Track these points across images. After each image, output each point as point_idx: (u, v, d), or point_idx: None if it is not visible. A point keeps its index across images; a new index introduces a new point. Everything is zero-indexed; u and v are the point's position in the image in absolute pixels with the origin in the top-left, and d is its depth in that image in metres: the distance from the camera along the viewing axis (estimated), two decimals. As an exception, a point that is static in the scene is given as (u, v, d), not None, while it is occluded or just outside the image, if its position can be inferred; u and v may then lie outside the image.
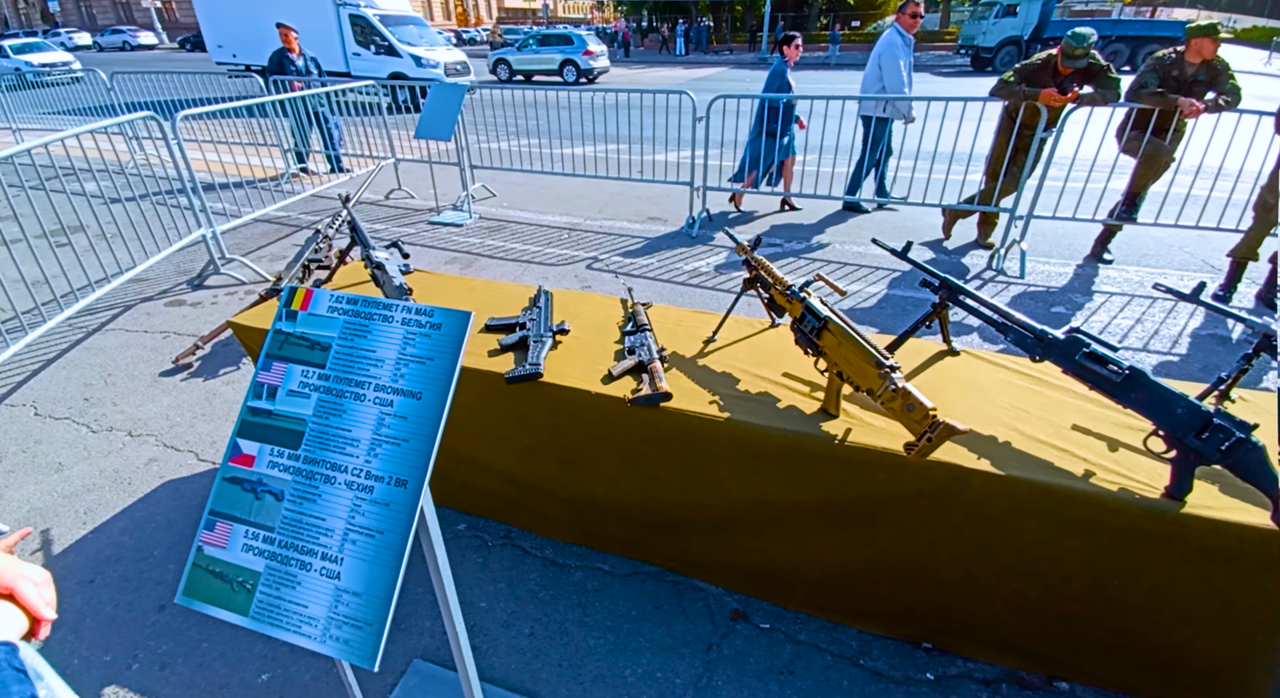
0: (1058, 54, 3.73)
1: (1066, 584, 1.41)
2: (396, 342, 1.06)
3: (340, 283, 2.38)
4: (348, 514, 0.99)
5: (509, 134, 6.26)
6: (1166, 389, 1.24)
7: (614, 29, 32.18)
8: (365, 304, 1.10)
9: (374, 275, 1.99)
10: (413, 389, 1.03)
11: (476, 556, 1.97)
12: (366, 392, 1.04)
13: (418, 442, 1.00)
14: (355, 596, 0.96)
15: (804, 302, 1.67)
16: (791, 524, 1.66)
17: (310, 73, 6.34)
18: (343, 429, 1.03)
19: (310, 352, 1.09)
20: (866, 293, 3.83)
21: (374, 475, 1.00)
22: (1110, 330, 3.31)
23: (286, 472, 1.04)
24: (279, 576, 1.01)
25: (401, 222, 5.38)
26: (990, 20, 19.14)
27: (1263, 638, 1.30)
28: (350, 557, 0.98)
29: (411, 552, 0.96)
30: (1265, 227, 3.41)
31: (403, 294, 1.84)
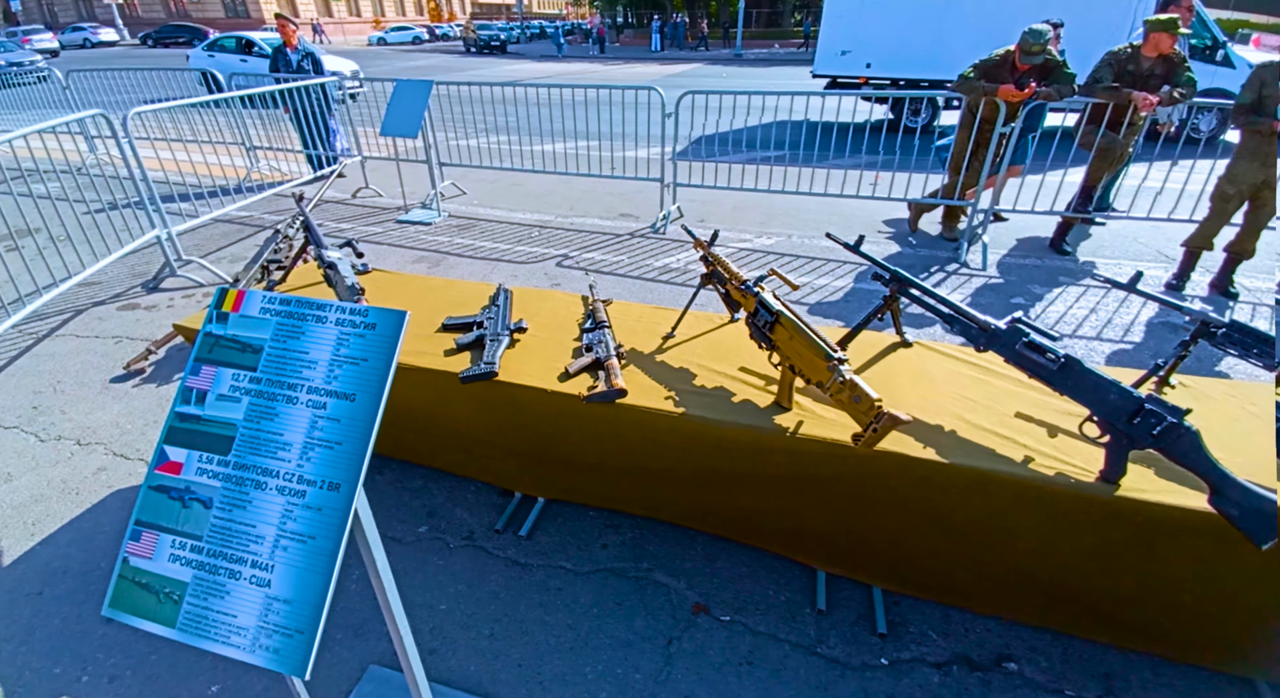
0: (1015, 50, 3.80)
1: (1014, 560, 1.45)
2: (330, 343, 1.04)
3: (295, 284, 2.33)
4: (279, 520, 0.97)
5: (479, 131, 6.19)
6: (1100, 376, 1.27)
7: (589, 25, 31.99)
8: (298, 305, 1.08)
9: (326, 276, 1.95)
10: (346, 391, 1.01)
11: (438, 558, 1.95)
12: (299, 394, 1.02)
13: (351, 444, 0.98)
14: (286, 603, 0.94)
15: (757, 296, 1.68)
16: (750, 486, 1.70)
17: (305, 69, 6.14)
18: (274, 433, 1.01)
19: (241, 354, 1.06)
20: (833, 287, 3.87)
21: (306, 480, 0.98)
22: (1066, 320, 3.40)
23: (215, 478, 1.01)
24: (207, 585, 0.99)
25: (368, 221, 5.28)
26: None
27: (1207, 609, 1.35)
28: (281, 564, 0.96)
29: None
30: (1220, 217, 3.51)
31: (355, 295, 1.81)
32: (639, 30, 33.44)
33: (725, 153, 6.09)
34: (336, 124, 6.14)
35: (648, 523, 2.06)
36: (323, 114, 5.82)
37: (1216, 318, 1.45)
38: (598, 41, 27.10)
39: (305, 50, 6.25)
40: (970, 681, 1.55)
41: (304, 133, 5.80)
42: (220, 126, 6.16)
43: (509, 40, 29.98)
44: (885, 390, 1.62)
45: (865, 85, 8.50)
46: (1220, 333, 1.44)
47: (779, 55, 24.29)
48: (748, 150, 5.54)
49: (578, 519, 2.08)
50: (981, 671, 1.57)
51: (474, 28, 29.86)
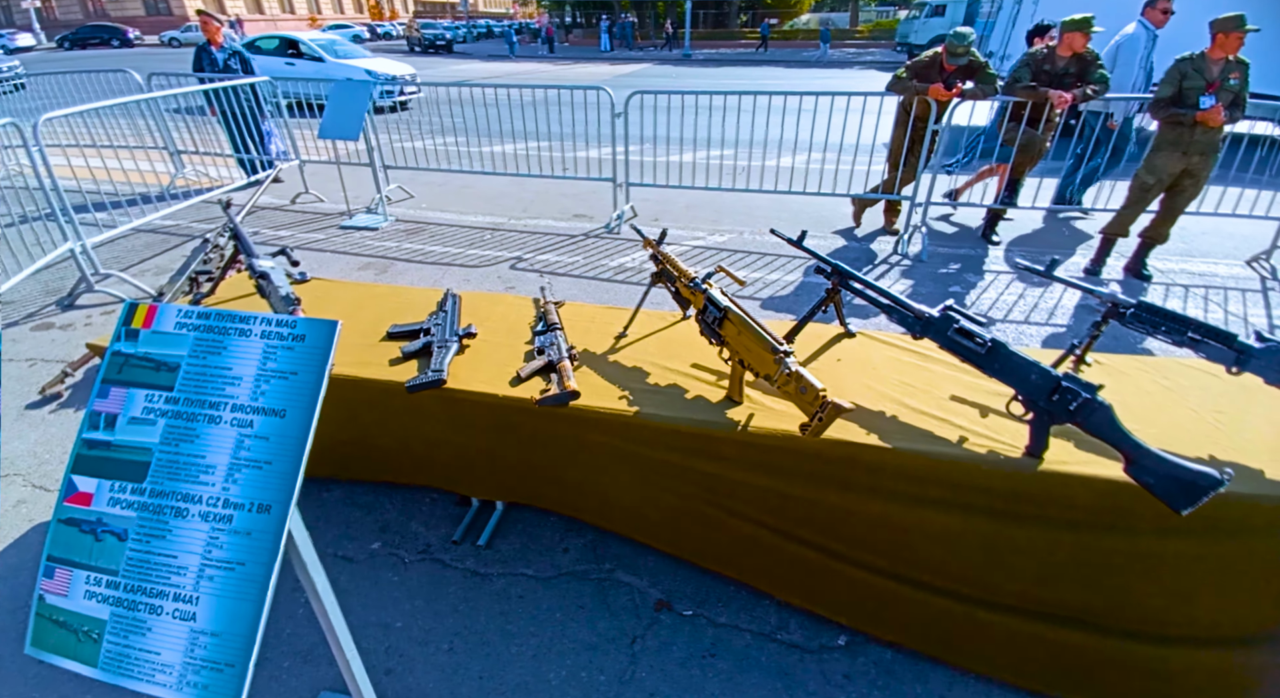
0: (943, 52, 3.97)
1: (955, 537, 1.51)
2: (255, 357, 0.99)
3: (225, 296, 2.21)
4: (203, 548, 0.92)
5: (426, 132, 6.03)
6: (1022, 358, 1.34)
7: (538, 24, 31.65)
8: (219, 318, 1.02)
9: (259, 286, 1.86)
10: (275, 407, 0.96)
11: (392, 574, 1.88)
12: (222, 413, 0.97)
13: (282, 463, 0.94)
14: (214, 636, 0.89)
15: (705, 293, 1.70)
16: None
17: (233, 69, 5.82)
18: (195, 456, 0.95)
19: (155, 373, 1.00)
20: (784, 281, 3.95)
21: (233, 503, 0.93)
22: (998, 305, 3.57)
23: (130, 508, 0.95)
24: (126, 622, 0.93)
25: (310, 227, 5.07)
26: (921, 20, 20.76)
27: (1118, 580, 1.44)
28: (207, 595, 0.91)
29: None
30: (1139, 206, 3.74)
31: (290, 305, 1.73)
32: (588, 30, 33.32)
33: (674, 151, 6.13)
34: (271, 126, 5.87)
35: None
36: (255, 116, 5.55)
37: (1125, 299, 1.55)
38: (546, 41, 26.86)
39: (232, 48, 5.95)
40: (921, 654, 1.61)
41: (233, 136, 5.52)
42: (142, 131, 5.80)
43: (455, 39, 29.34)
44: (831, 380, 1.67)
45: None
46: (1129, 313, 1.53)
47: (728, 56, 24.66)
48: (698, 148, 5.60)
49: (538, 525, 2.06)
50: (932, 646, 1.63)
51: (418, 26, 29.11)
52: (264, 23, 37.81)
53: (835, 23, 32.28)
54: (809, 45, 26.45)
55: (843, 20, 33.08)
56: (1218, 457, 1.41)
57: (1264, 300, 3.71)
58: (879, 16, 34.15)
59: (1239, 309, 3.58)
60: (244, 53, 5.94)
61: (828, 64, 21.15)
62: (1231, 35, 3.28)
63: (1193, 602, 1.40)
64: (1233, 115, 3.40)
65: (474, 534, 2.01)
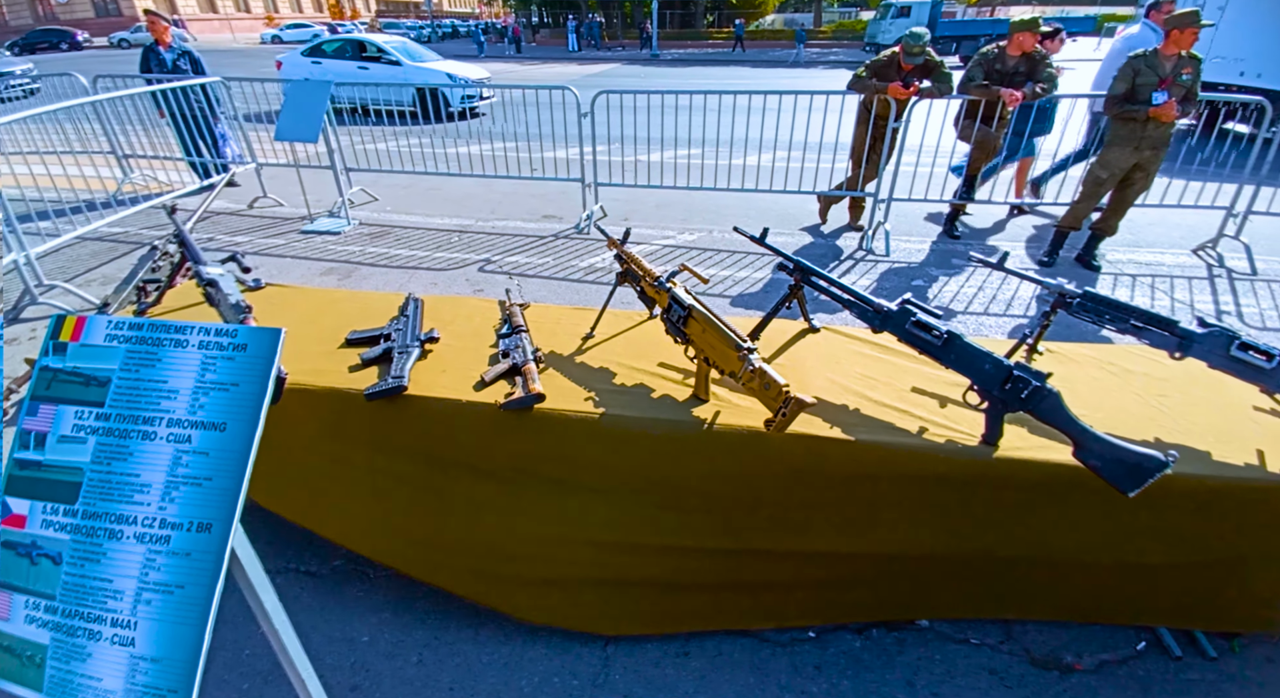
0: (900, 52, 4.06)
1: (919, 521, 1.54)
2: (193, 369, 0.95)
3: (172, 305, 2.13)
4: (139, 572, 0.88)
5: (391, 134, 5.90)
6: (977, 349, 1.37)
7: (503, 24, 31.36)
8: (152, 329, 0.97)
9: (207, 294, 1.79)
10: (215, 420, 0.92)
11: (357, 588, 1.83)
12: (157, 429, 0.92)
13: (223, 479, 0.90)
14: (154, 662, 0.85)
15: (669, 292, 1.69)
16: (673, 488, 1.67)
17: (182, 69, 5.60)
18: (129, 475, 0.91)
19: (85, 389, 0.95)
20: (753, 278, 3.98)
21: (170, 523, 0.89)
22: (959, 298, 3.67)
23: (63, 530, 0.90)
24: (66, 648, 0.88)
25: (268, 232, 4.92)
26: (888, 20, 21.19)
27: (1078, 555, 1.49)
28: (145, 620, 0.86)
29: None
30: (1092, 199, 3.86)
31: (240, 314, 1.67)
32: (555, 30, 33.12)
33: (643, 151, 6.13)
34: (225, 128, 5.68)
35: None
36: (207, 118, 5.37)
37: (1071, 289, 1.60)
38: (513, 41, 26.60)
39: (181, 48, 5.75)
40: (887, 641, 1.64)
41: (184, 139, 5.33)
42: (88, 135, 5.55)
43: (420, 40, 28.87)
44: (796, 375, 1.69)
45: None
46: (1075, 303, 1.58)
47: (695, 56, 24.77)
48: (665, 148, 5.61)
49: (507, 530, 2.03)
50: (898, 630, 1.67)
51: (380, 26, 28.55)
52: (217, 22, 36.59)
53: (799, 23, 32.74)
54: (785, 45, 26.76)
55: (806, 20, 33.57)
56: (1163, 439, 1.46)
57: (1210, 288, 3.88)
58: (841, 17, 34.75)
59: (1185, 297, 3.74)
60: (193, 52, 5.75)
61: (807, 64, 21.38)
62: (1187, 31, 3.38)
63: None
64: (1184, 109, 3.52)
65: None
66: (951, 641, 1.64)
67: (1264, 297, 3.73)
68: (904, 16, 20.81)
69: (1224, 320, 3.45)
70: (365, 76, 9.39)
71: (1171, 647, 1.62)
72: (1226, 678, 1.57)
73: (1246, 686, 1.55)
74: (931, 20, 20.97)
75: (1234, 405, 1.61)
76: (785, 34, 30.82)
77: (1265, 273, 4.01)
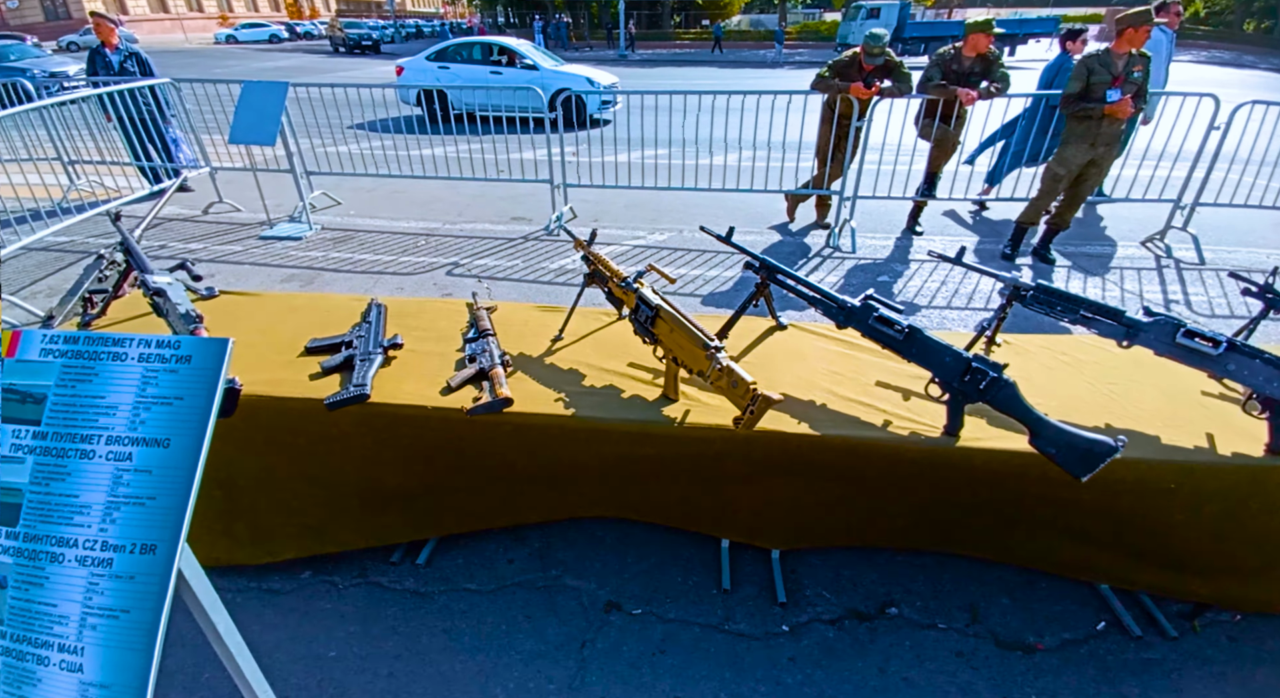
0: (860, 52, 4.14)
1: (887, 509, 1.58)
2: (133, 383, 0.91)
3: (120, 317, 2.04)
4: (83, 596, 0.84)
5: (354, 136, 5.77)
6: (937, 342, 1.40)
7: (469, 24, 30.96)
8: (88, 342, 0.93)
9: (154, 304, 1.71)
10: (157, 437, 0.88)
11: (325, 602, 1.78)
12: (96, 447, 0.88)
13: (168, 498, 0.86)
14: (103, 688, 0.81)
15: (637, 293, 1.69)
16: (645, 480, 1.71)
17: (130, 71, 5.38)
18: (68, 496, 0.87)
19: (21, 406, 0.90)
20: (723, 277, 4.01)
21: (112, 546, 0.85)
22: (923, 292, 3.76)
23: (6, 554, 0.86)
24: (17, 673, 0.84)
25: (225, 238, 4.76)
26: (858, 21, 21.83)
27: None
28: (91, 645, 0.83)
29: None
30: (1050, 195, 3.98)
31: (190, 324, 1.60)
32: (521, 30, 32.82)
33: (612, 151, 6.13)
34: (176, 131, 5.48)
35: (555, 530, 2.02)
36: (156, 121, 5.17)
37: (1025, 282, 1.65)
38: (479, 41, 26.23)
39: (128, 50, 5.53)
40: (859, 630, 1.67)
41: (132, 143, 5.12)
42: (33, 142, 5.28)
43: (382, 40, 28.26)
44: (764, 372, 1.70)
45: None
46: (1029, 295, 1.63)
47: (663, 56, 24.82)
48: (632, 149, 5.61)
49: (481, 538, 2.00)
50: (869, 620, 1.70)
51: (340, 26, 27.84)
52: (169, 22, 35.23)
53: (765, 24, 33.11)
54: (764, 46, 27.03)
55: (771, 22, 33.97)
56: (1113, 425, 1.52)
57: (1159, 277, 4.05)
58: (806, 18, 35.27)
59: (1136, 287, 3.90)
60: (140, 53, 5.54)
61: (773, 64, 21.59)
62: (1140, 30, 3.50)
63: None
64: (1137, 106, 3.67)
65: (413, 554, 1.93)
66: (920, 626, 1.68)
67: (1212, 285, 3.91)
68: (874, 18, 21.43)
69: (1173, 309, 3.63)
70: (500, 81, 8.63)
71: (1131, 626, 1.68)
72: (1188, 658, 1.61)
73: (1208, 664, 1.60)
74: (900, 22, 21.65)
75: (1183, 391, 1.68)
76: (753, 34, 31.14)
77: (1212, 262, 4.21)
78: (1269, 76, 17.46)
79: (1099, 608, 1.74)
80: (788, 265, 1.79)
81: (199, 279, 1.94)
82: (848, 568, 1.85)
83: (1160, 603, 1.73)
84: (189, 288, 1.97)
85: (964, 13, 33.65)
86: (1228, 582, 1.62)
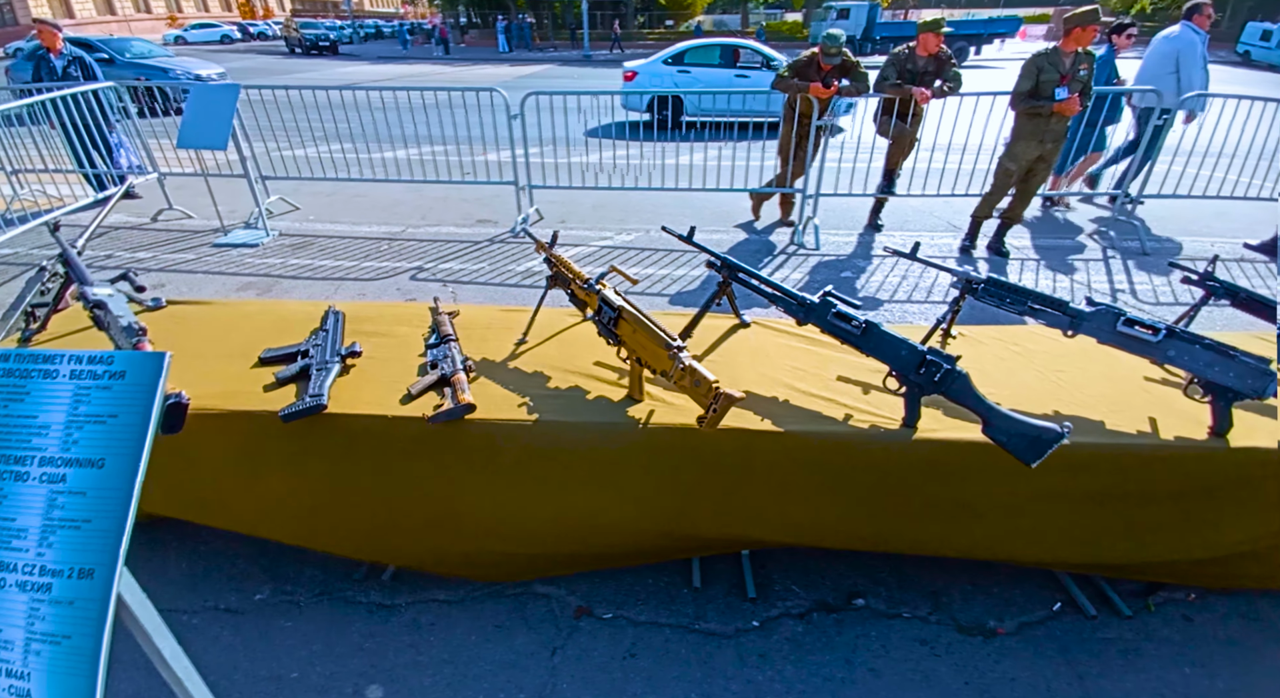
0: (818, 52, 4.22)
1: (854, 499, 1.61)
2: (65, 401, 0.86)
3: (61, 330, 1.94)
4: (25, 621, 0.80)
5: (312, 140, 5.60)
6: (893, 336, 1.44)
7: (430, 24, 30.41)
8: (18, 359, 0.88)
9: (95, 317, 1.64)
10: (90, 457, 0.84)
11: (285, 620, 1.73)
12: (29, 469, 0.84)
13: (103, 520, 0.82)
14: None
15: (599, 294, 1.69)
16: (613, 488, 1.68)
17: (73, 77, 5.19)
18: (4, 519, 0.82)
19: (-59, 430, 0.85)
20: (690, 276, 4.03)
21: (50, 571, 0.81)
22: (885, 287, 3.85)
23: (-66, 584, 0.81)
24: None
25: (177, 247, 4.58)
26: (829, 22, 22.42)
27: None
28: (37, 670, 0.79)
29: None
30: (1002, 190, 4.12)
31: (133, 337, 1.54)
32: (484, 31, 32.43)
33: (577, 152, 6.11)
34: (120, 136, 5.25)
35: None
36: (100, 126, 4.95)
37: (976, 276, 1.71)
38: (441, 42, 25.84)
39: (72, 54, 5.32)
40: (827, 623, 1.70)
41: (75, 150, 4.90)
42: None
43: (340, 40, 27.58)
44: (728, 370, 1.72)
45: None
46: (980, 288, 1.69)
47: (626, 56, 24.83)
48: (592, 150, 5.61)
49: (449, 546, 1.96)
50: (836, 611, 1.73)
51: (296, 26, 27.07)
52: (116, 24, 33.72)
53: (727, 24, 33.44)
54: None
55: (733, 22, 34.34)
56: (1061, 412, 1.58)
57: (1105, 268, 4.23)
58: (768, 18, 35.74)
59: (1084, 278, 4.06)
60: (85, 58, 5.33)
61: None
62: (1088, 29, 3.64)
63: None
64: (1083, 103, 3.81)
65: (379, 567, 1.89)
66: (885, 617, 1.72)
67: (1156, 274, 4.10)
68: (844, 19, 22.01)
69: (1120, 298, 3.79)
70: (746, 84, 8.06)
71: (1085, 607, 1.74)
72: (1145, 637, 1.67)
73: (1163, 644, 1.66)
74: (870, 22, 22.24)
75: (1126, 377, 1.75)
76: (721, 34, 31.41)
77: (1156, 251, 4.42)
78: (1215, 70, 18.41)
79: (1055, 590, 1.81)
80: (753, 263, 1.81)
81: (142, 290, 1.86)
82: (815, 561, 1.88)
83: (1114, 584, 1.80)
84: (132, 299, 1.89)
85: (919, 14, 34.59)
86: (1182, 563, 1.69)
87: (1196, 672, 1.59)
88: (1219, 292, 1.90)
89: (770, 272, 4.08)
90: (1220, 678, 1.58)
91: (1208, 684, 1.57)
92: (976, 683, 1.56)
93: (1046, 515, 1.58)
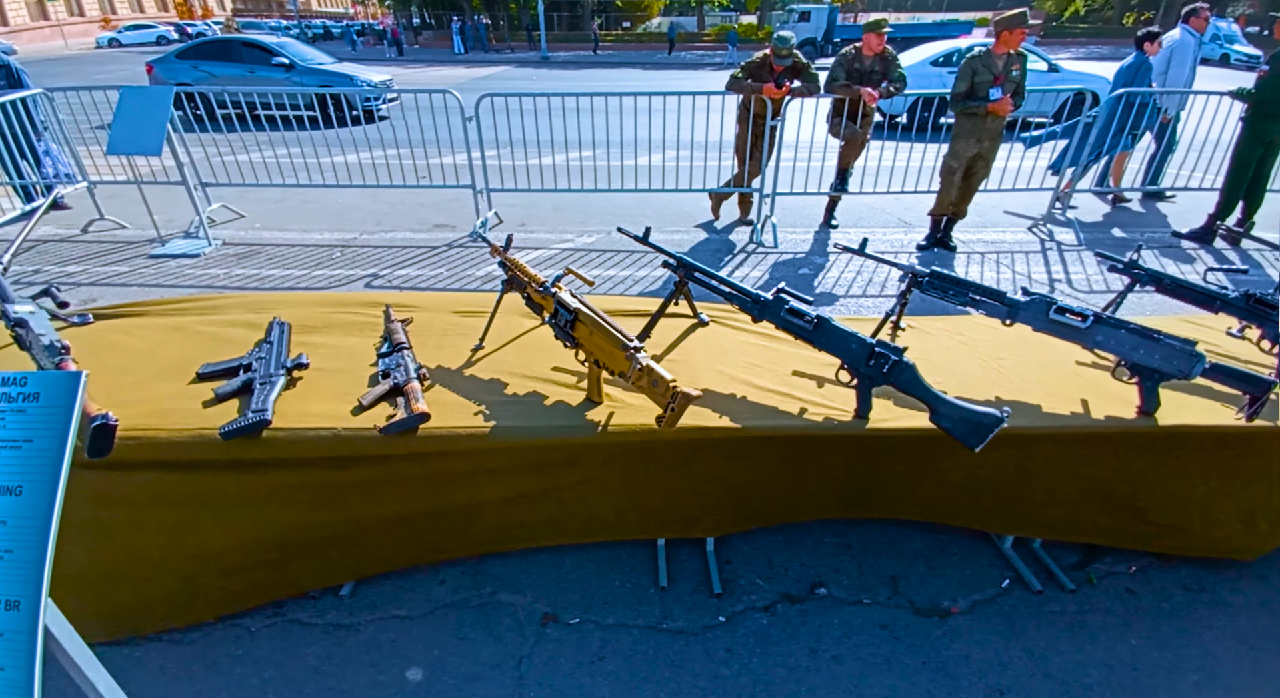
0: (770, 54, 4.30)
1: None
2: (-28, 427, 0.81)
3: (-24, 352, 1.81)
4: (-67, 665, 0.74)
5: (257, 144, 5.40)
6: (844, 330, 1.48)
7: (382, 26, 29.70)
8: (-85, 385, 0.82)
9: (16, 337, 1.53)
10: (8, 484, 0.79)
11: (234, 648, 1.65)
12: (-69, 501, 0.78)
13: (25, 550, 0.78)
14: (-48, 771, 0.72)
15: (554, 296, 1.68)
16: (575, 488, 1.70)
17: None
18: (-99, 558, 0.76)
19: None
20: (652, 277, 4.05)
21: (-39, 608, 0.75)
22: (840, 282, 3.95)
23: None
24: None
25: (110, 259, 4.34)
26: (790, 24, 22.89)
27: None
28: (-56, 719, 0.73)
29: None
30: (950, 187, 4.27)
31: (55, 356, 1.45)
32: (439, 32, 31.81)
33: (536, 155, 6.06)
34: (48, 143, 4.94)
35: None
36: (26, 134, 4.66)
37: (921, 270, 1.77)
38: (394, 43, 25.24)
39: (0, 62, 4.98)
40: (792, 614, 1.73)
41: (1, 160, 4.60)
42: None
43: (287, 41, 26.58)
44: (686, 369, 1.73)
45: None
46: (925, 281, 1.76)
47: (584, 58, 24.77)
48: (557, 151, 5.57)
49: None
50: (800, 602, 1.77)
51: (238, 26, 26.03)
52: (49, 29, 31.68)
53: (684, 26, 33.72)
54: (718, 48, 27.63)
55: (690, 24, 34.65)
56: (1002, 398, 1.65)
57: (1044, 260, 4.44)
58: (724, 20, 36.22)
59: (1024, 270, 4.26)
60: (12, 65, 5.01)
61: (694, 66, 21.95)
62: (1016, 32, 3.82)
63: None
64: (1015, 103, 4.00)
65: (334, 586, 1.83)
66: (846, 604, 1.76)
67: (1090, 264, 4.32)
68: (804, 21, 22.64)
69: (1057, 288, 3.99)
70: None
71: (1030, 581, 1.83)
72: (1090, 610, 1.76)
73: (1108, 615, 1.74)
74: (830, 24, 22.94)
75: (1060, 362, 1.85)
76: (704, 37, 31.65)
77: (1089, 244, 4.66)
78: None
79: (1003, 567, 1.89)
80: (714, 262, 1.84)
81: (64, 305, 1.75)
82: (778, 553, 1.92)
83: (1056, 559, 1.89)
84: (55, 316, 1.78)
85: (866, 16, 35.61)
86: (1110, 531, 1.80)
87: (1144, 643, 1.67)
88: (1144, 279, 2.02)
89: (730, 270, 4.14)
90: (1169, 649, 1.65)
91: (1156, 656, 1.64)
92: (934, 663, 1.61)
93: (991, 487, 1.66)
